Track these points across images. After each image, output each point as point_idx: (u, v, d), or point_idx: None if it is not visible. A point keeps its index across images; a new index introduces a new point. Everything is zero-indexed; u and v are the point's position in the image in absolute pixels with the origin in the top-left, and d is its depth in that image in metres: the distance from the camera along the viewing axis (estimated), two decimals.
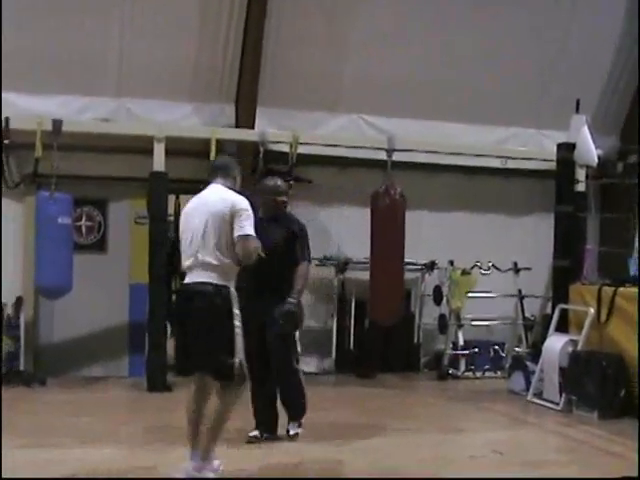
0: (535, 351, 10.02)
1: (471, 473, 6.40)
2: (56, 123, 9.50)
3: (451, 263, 11.22)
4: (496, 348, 11.24)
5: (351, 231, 11.02)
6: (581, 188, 10.50)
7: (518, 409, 9.07)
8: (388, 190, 10.08)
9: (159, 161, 9.71)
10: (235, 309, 5.66)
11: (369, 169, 10.88)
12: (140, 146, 9.92)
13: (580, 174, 10.38)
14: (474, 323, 11.35)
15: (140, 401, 9.32)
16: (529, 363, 9.77)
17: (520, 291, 11.59)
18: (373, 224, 10.10)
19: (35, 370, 9.97)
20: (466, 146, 11.10)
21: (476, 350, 11.13)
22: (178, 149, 10.03)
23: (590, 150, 9.71)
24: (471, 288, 11.12)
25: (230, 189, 5.94)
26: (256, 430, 7.11)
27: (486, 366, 11.12)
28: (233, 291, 5.71)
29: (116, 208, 10.74)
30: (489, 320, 11.48)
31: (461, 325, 11.20)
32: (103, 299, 10.39)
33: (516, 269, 11.54)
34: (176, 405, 9.03)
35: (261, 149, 10.08)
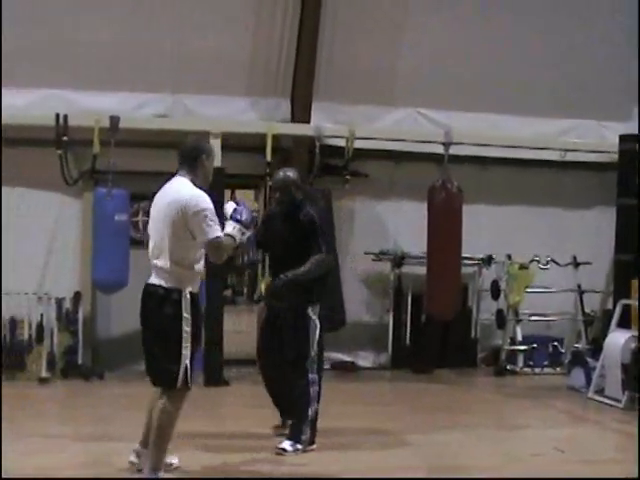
0: (595, 347, 9.86)
1: (534, 471, 6.30)
2: (113, 120, 9.56)
3: (509, 257, 11.08)
4: (555, 344, 11.09)
5: (407, 225, 10.95)
6: None
7: (578, 406, 8.95)
8: (445, 184, 9.99)
9: (216, 156, 9.70)
10: (185, 313, 5.43)
11: (425, 163, 10.80)
12: None
13: None
14: (532, 318, 11.20)
15: (196, 395, 9.33)
16: (589, 359, 9.62)
17: (579, 286, 11.41)
18: (430, 218, 10.01)
19: (93, 364, 10.06)
20: (524, 139, 10.96)
21: (534, 346, 10.97)
22: (234, 144, 10.05)
23: None
24: (529, 283, 10.97)
25: (194, 181, 5.62)
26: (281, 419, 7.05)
27: (545, 362, 10.98)
28: (186, 295, 5.47)
29: None
30: (548, 315, 11.32)
31: (519, 320, 11.06)
32: None
33: (575, 263, 11.37)
34: (233, 399, 9.17)
35: (317, 144, 10.05)
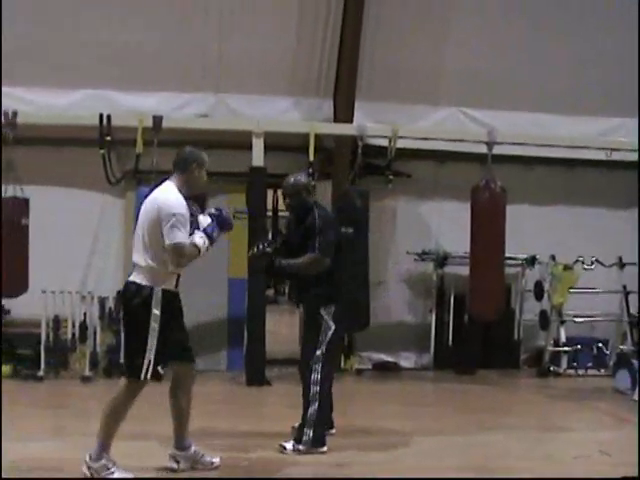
0: None
1: (577, 474, 6.22)
2: (156, 119, 9.62)
3: (553, 258, 10.98)
4: (599, 345, 10.96)
5: (450, 225, 10.91)
6: None
7: (624, 408, 8.80)
8: (488, 184, 9.90)
9: (258, 156, 9.75)
10: (155, 310, 5.66)
11: (469, 163, 10.74)
12: (239, 141, 9.97)
13: None
14: (577, 319, 11.07)
15: (238, 395, 9.37)
16: (635, 361, 9.49)
17: (625, 287, 11.25)
18: (473, 218, 9.93)
19: None
20: (568, 138, 10.81)
21: (579, 347, 10.87)
22: (276, 144, 10.05)
23: None
24: (573, 284, 10.85)
25: (180, 187, 5.86)
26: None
27: (589, 364, 10.86)
28: (157, 291, 5.69)
29: (214, 203, 10.73)
30: (592, 316, 11.18)
31: (563, 321, 10.95)
32: (202, 294, 10.46)
33: (621, 264, 11.22)
34: (275, 399, 9.17)
35: (360, 143, 10.00)
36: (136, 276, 5.77)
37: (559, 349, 10.87)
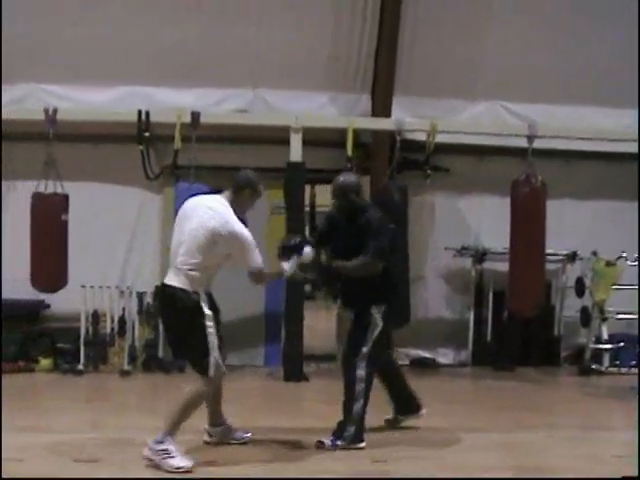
0: None
1: (618, 473, 6.10)
2: (195, 115, 9.64)
3: (594, 254, 10.81)
4: None
5: (489, 220, 10.82)
6: None
7: None
8: (529, 178, 9.78)
9: (296, 151, 9.74)
10: (207, 310, 6.04)
11: (508, 157, 10.63)
12: (277, 136, 9.97)
13: None
14: (619, 316, 10.89)
15: (276, 390, 9.36)
16: None
17: None
18: (513, 213, 9.82)
19: (174, 357, 10.13)
20: (610, 131, 10.66)
21: (621, 344, 10.70)
22: (314, 139, 10.03)
23: None
24: (616, 280, 10.69)
25: (232, 206, 6.08)
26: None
27: (632, 362, 10.65)
28: (202, 293, 6.05)
29: None
30: (635, 313, 11.02)
31: (605, 318, 10.78)
32: (240, 289, 10.44)
33: None
34: (312, 395, 9.16)
35: (398, 138, 9.94)
36: (179, 280, 6.01)
37: (601, 346, 10.72)
